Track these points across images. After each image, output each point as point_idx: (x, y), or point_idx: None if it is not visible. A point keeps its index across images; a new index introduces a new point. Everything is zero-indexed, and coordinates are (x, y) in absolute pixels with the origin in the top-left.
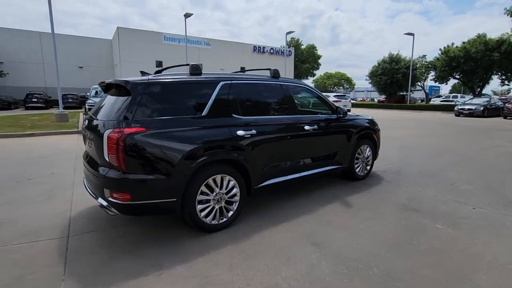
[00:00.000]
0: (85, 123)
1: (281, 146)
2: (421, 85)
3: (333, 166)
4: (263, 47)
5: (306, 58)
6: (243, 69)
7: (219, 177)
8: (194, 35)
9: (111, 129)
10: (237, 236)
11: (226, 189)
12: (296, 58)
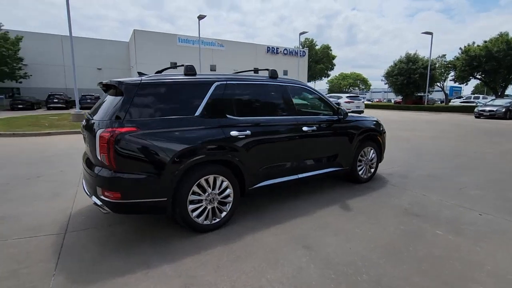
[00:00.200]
0: (83, 123)
1: (277, 147)
2: (441, 86)
3: (334, 168)
4: (277, 48)
5: (321, 59)
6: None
7: (212, 178)
8: (208, 37)
9: (103, 129)
10: (229, 237)
11: (219, 190)
12: (310, 59)
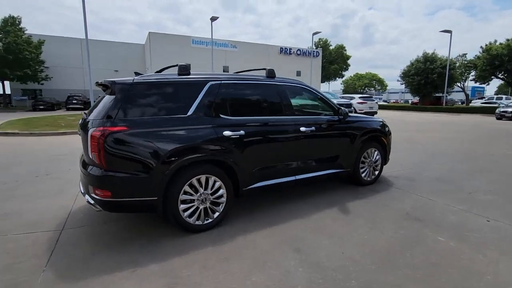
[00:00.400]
0: (80, 122)
1: (273, 148)
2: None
3: (334, 170)
4: (290, 49)
5: (335, 59)
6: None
7: (204, 178)
8: (223, 38)
9: (95, 128)
10: (221, 238)
11: (212, 190)
12: (324, 59)
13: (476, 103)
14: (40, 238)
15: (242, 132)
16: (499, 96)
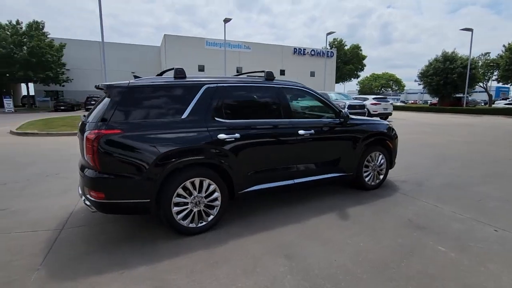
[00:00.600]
0: (79, 125)
1: (270, 151)
2: (483, 86)
3: (335, 174)
4: (304, 49)
5: (350, 59)
6: (283, 72)
7: (198, 180)
8: (237, 39)
9: (90, 130)
10: (214, 242)
11: (206, 193)
12: (339, 59)
13: (500, 104)
14: (41, 237)
15: (237, 135)
16: None
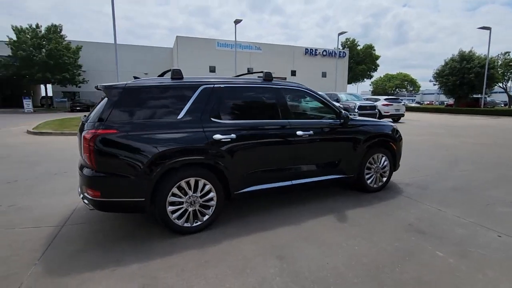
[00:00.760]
0: (79, 124)
1: (267, 152)
2: (503, 87)
3: (335, 176)
4: (315, 49)
5: (363, 59)
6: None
7: (193, 180)
8: (248, 40)
9: (87, 130)
10: (208, 242)
11: (201, 193)
12: (352, 60)
13: None
14: (42, 233)
15: (233, 136)
16: None
